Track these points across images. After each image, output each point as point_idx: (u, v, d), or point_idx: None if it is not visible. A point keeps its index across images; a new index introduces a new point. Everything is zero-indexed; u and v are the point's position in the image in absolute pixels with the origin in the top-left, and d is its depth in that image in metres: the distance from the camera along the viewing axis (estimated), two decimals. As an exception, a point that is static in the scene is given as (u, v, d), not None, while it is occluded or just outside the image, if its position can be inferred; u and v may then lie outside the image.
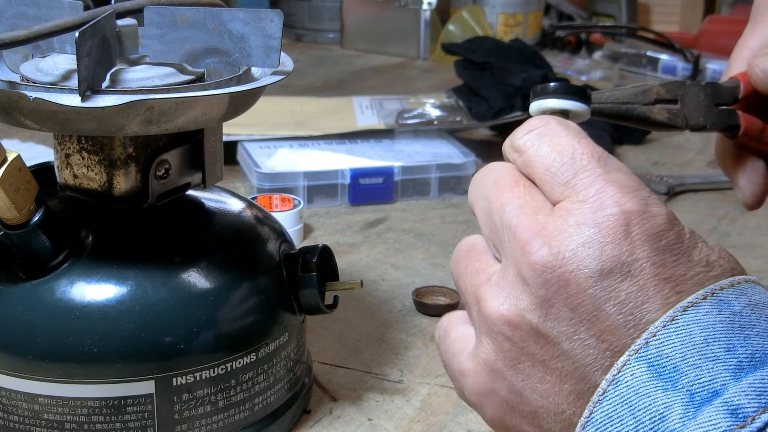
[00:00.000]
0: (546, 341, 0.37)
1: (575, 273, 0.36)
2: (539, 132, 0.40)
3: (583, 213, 0.37)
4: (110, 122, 0.44)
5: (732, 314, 0.35)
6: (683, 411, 0.33)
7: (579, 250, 0.36)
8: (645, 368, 0.34)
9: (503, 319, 0.38)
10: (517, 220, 0.38)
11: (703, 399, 0.33)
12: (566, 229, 0.37)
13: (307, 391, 0.57)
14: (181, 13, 0.50)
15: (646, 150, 1.15)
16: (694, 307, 0.35)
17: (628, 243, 0.36)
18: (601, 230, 0.36)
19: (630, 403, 0.34)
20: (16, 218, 0.45)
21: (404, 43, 1.70)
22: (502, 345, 0.38)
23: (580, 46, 1.70)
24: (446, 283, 0.74)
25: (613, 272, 0.36)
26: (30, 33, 0.44)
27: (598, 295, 0.36)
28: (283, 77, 0.49)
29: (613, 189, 0.37)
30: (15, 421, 0.47)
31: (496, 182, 0.41)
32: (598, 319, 0.36)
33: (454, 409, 0.57)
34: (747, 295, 0.36)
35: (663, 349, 0.34)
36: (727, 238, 0.87)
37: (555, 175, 0.39)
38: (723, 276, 0.36)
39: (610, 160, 0.39)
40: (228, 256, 0.50)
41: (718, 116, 0.51)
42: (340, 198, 0.92)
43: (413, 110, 1.09)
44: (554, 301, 0.37)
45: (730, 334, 0.34)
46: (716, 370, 0.33)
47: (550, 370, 0.37)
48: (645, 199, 0.37)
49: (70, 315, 0.46)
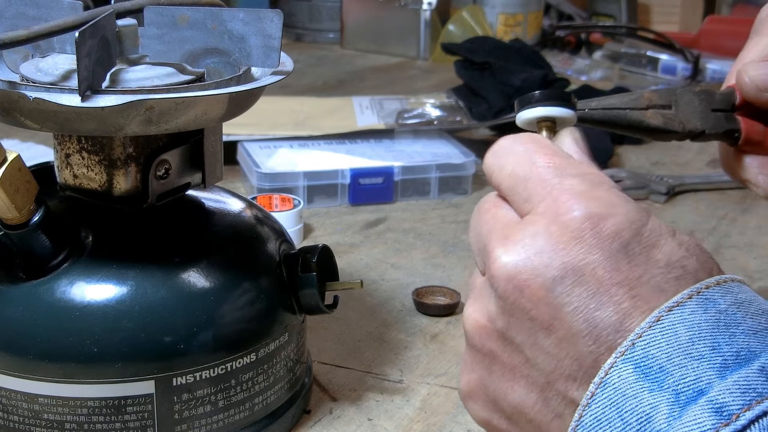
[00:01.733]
0: (513, 349, 0.38)
1: (529, 282, 0.37)
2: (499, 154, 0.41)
3: (539, 223, 0.37)
4: (110, 122, 0.44)
5: (718, 312, 0.35)
6: (669, 411, 0.33)
7: (531, 259, 0.37)
8: (632, 369, 0.34)
9: (475, 328, 0.40)
10: (489, 236, 0.40)
11: (689, 398, 0.33)
12: (523, 240, 0.37)
13: (307, 391, 0.57)
14: (181, 13, 0.50)
15: (646, 150, 1.15)
16: (679, 307, 0.35)
17: (579, 248, 0.36)
18: (552, 238, 0.37)
19: (617, 405, 0.34)
20: (16, 218, 0.45)
21: (404, 43, 1.70)
22: (476, 353, 0.40)
23: (580, 46, 1.70)
24: (446, 283, 0.74)
25: (565, 279, 0.36)
26: (30, 33, 0.44)
27: (552, 303, 0.36)
28: (283, 77, 0.49)
29: (566, 197, 0.37)
30: (15, 421, 0.47)
31: (479, 210, 0.42)
32: (555, 327, 0.36)
33: (454, 409, 0.57)
34: (733, 293, 0.36)
35: (649, 349, 0.34)
36: (727, 238, 0.87)
37: (517, 192, 0.40)
38: (685, 278, 0.36)
39: (569, 166, 0.39)
40: (228, 256, 0.50)
41: (716, 121, 0.49)
42: (340, 198, 0.92)
43: (413, 110, 1.09)
44: (514, 310, 0.37)
45: (716, 333, 0.34)
46: (701, 368, 0.33)
47: (518, 378, 0.38)
48: (599, 201, 0.37)
49: (70, 315, 0.46)
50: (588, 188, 0.38)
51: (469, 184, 0.96)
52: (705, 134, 0.49)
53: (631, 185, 0.98)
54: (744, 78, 0.49)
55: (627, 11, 1.88)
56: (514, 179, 0.40)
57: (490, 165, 0.42)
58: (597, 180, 0.38)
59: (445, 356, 0.64)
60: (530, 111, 0.44)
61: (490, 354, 0.39)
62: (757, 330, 0.35)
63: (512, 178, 0.40)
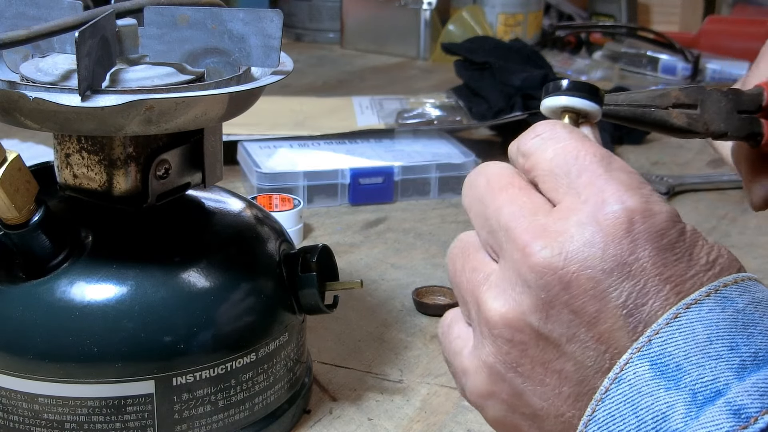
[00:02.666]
0: (547, 343, 0.37)
1: (577, 274, 0.36)
2: (544, 136, 0.40)
3: (585, 212, 0.36)
4: (110, 122, 0.44)
5: (735, 312, 0.35)
6: (686, 410, 0.33)
7: (581, 251, 0.36)
8: (648, 366, 0.34)
9: (504, 322, 0.38)
10: (514, 223, 0.38)
11: (706, 398, 0.33)
12: (568, 230, 0.36)
13: (307, 391, 0.57)
14: (181, 13, 0.50)
15: (646, 150, 1.15)
16: (697, 305, 0.35)
17: (629, 242, 0.36)
18: (602, 229, 0.36)
19: (632, 402, 0.34)
20: (16, 218, 0.45)
21: (404, 43, 1.70)
22: (503, 347, 0.38)
23: (580, 46, 1.70)
24: (446, 283, 0.74)
25: (614, 272, 0.35)
26: (30, 33, 0.44)
27: (599, 297, 0.36)
28: (283, 77, 0.49)
29: (614, 187, 0.37)
30: (15, 421, 0.47)
31: (490, 184, 0.41)
32: (599, 321, 0.36)
33: (454, 408, 0.57)
34: (750, 293, 0.36)
35: (666, 347, 0.34)
36: (727, 238, 0.87)
37: (558, 177, 0.38)
38: (722, 274, 0.36)
39: (613, 160, 0.38)
40: (228, 256, 0.50)
41: (741, 124, 0.48)
42: (340, 198, 0.92)
43: (413, 110, 1.09)
44: (555, 303, 0.36)
45: (734, 332, 0.34)
46: (719, 368, 0.33)
47: (550, 373, 0.37)
48: (647, 196, 0.37)
49: (70, 315, 0.46)
50: (636, 182, 0.37)
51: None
52: (727, 136, 0.49)
53: (631, 185, 0.97)
54: None
55: (627, 11, 1.88)
56: (557, 165, 0.39)
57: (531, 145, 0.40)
58: (641, 177, 0.38)
59: (445, 356, 0.64)
60: (556, 99, 0.43)
61: (520, 346, 0.38)
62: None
63: (554, 162, 0.39)
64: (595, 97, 0.43)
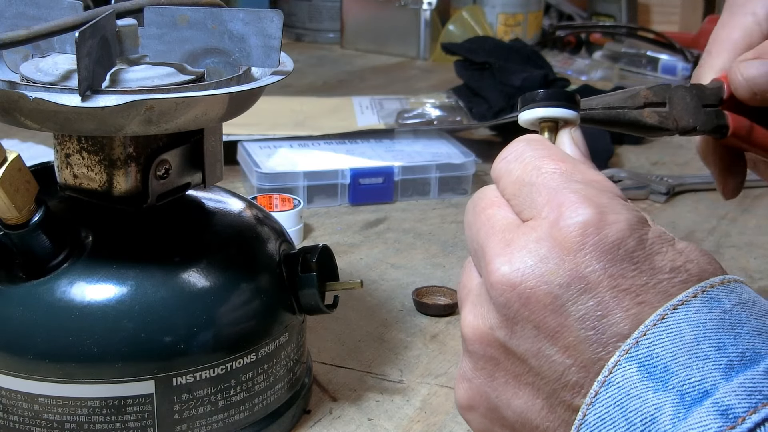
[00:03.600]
0: (515, 358, 0.38)
1: (534, 290, 0.36)
2: (509, 159, 0.41)
3: (542, 229, 0.37)
4: (110, 122, 0.44)
5: (722, 312, 0.35)
6: (674, 412, 0.33)
7: (537, 266, 0.36)
8: (636, 368, 0.34)
9: (476, 337, 0.39)
10: (486, 241, 0.39)
11: (694, 399, 0.33)
12: (526, 246, 0.37)
13: (307, 391, 0.57)
14: (181, 13, 0.50)
15: (646, 150, 1.15)
16: (684, 305, 0.35)
17: (583, 255, 0.36)
18: (557, 244, 0.36)
19: (621, 405, 0.34)
20: (16, 218, 0.45)
21: (404, 43, 1.70)
22: (477, 362, 0.39)
23: (580, 46, 1.70)
24: (446, 283, 0.74)
25: (571, 287, 0.36)
26: (30, 33, 0.44)
27: (558, 311, 0.36)
28: (283, 77, 0.49)
29: (569, 202, 0.37)
30: (15, 421, 0.47)
31: (474, 207, 0.42)
32: (562, 335, 0.36)
33: (454, 408, 0.57)
34: (737, 294, 0.36)
35: (653, 348, 0.34)
36: (727, 238, 0.87)
37: (521, 197, 0.39)
38: (690, 281, 0.36)
39: (576, 170, 0.39)
40: (228, 256, 0.50)
41: (707, 117, 0.50)
42: (340, 198, 0.92)
43: (413, 110, 1.09)
44: (518, 319, 0.37)
45: (721, 333, 0.34)
46: (706, 369, 0.33)
47: (522, 386, 0.38)
48: (603, 207, 0.37)
49: (70, 315, 0.46)
50: (592, 194, 0.37)
51: (469, 183, 0.96)
52: (696, 130, 0.50)
53: (631, 185, 0.98)
54: (737, 77, 0.49)
55: (627, 11, 1.88)
56: (519, 184, 0.39)
57: (498, 170, 0.41)
58: (601, 187, 0.38)
59: (445, 356, 0.64)
60: (532, 111, 0.44)
61: (493, 361, 0.39)
62: (761, 331, 0.34)
63: (518, 183, 0.40)
64: (572, 104, 0.44)
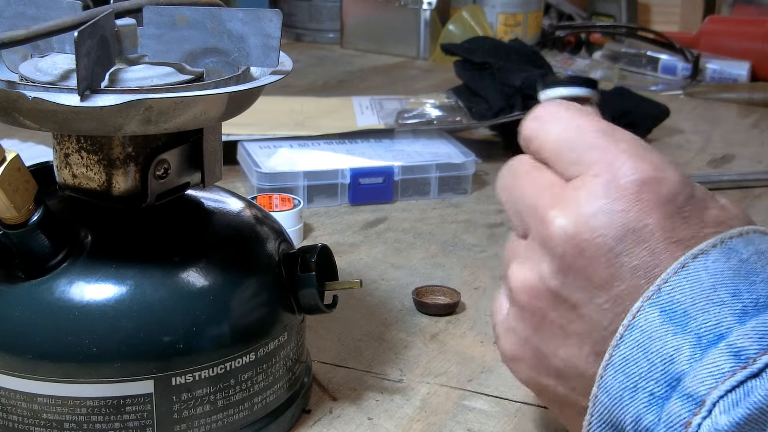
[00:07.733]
0: (565, 306, 0.39)
1: (590, 241, 0.38)
2: (543, 119, 0.42)
3: (594, 185, 0.39)
4: (109, 122, 0.44)
5: (739, 261, 0.36)
6: (691, 353, 0.35)
7: (592, 220, 0.38)
8: (657, 313, 0.36)
9: (524, 287, 0.41)
10: (535, 199, 0.41)
11: (710, 342, 0.35)
12: (579, 200, 0.39)
13: (307, 390, 0.57)
14: (180, 12, 0.50)
15: (646, 150, 1.15)
16: (703, 255, 0.37)
17: (638, 210, 0.38)
18: (611, 199, 0.38)
19: (644, 347, 0.36)
20: (15, 218, 0.45)
21: (404, 43, 1.70)
22: (524, 312, 0.41)
23: (580, 46, 1.70)
24: (446, 283, 0.74)
25: (625, 239, 0.38)
26: (29, 33, 0.44)
27: (612, 262, 0.38)
28: (282, 77, 0.49)
29: (621, 160, 0.39)
30: (14, 420, 0.47)
31: (513, 173, 0.43)
32: (613, 285, 0.38)
33: (454, 408, 0.57)
34: (755, 244, 0.37)
35: (674, 294, 0.36)
36: (727, 238, 0.87)
37: (564, 156, 0.41)
38: None
39: (617, 132, 0.41)
40: (227, 256, 0.50)
41: None
42: (340, 198, 0.92)
43: (413, 110, 1.09)
44: (572, 268, 0.39)
45: (737, 280, 0.36)
46: (722, 314, 0.35)
47: (569, 334, 0.40)
48: (654, 164, 0.39)
49: (69, 315, 0.46)
50: (641, 152, 0.39)
51: (469, 183, 0.96)
52: None
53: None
54: None
55: (627, 11, 1.88)
56: (561, 143, 0.41)
57: (533, 129, 0.43)
58: (645, 144, 0.40)
59: (445, 356, 0.64)
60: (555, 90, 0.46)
61: (540, 312, 0.41)
62: None
63: (559, 142, 0.41)
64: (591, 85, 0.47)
